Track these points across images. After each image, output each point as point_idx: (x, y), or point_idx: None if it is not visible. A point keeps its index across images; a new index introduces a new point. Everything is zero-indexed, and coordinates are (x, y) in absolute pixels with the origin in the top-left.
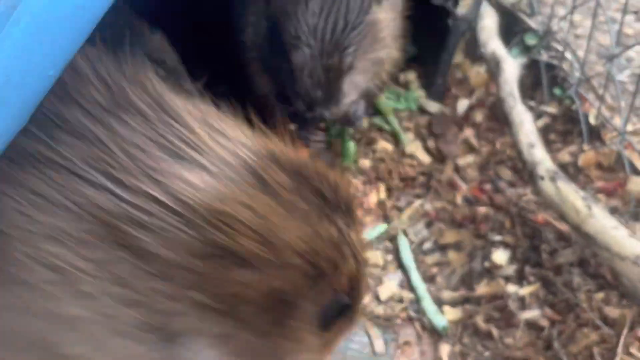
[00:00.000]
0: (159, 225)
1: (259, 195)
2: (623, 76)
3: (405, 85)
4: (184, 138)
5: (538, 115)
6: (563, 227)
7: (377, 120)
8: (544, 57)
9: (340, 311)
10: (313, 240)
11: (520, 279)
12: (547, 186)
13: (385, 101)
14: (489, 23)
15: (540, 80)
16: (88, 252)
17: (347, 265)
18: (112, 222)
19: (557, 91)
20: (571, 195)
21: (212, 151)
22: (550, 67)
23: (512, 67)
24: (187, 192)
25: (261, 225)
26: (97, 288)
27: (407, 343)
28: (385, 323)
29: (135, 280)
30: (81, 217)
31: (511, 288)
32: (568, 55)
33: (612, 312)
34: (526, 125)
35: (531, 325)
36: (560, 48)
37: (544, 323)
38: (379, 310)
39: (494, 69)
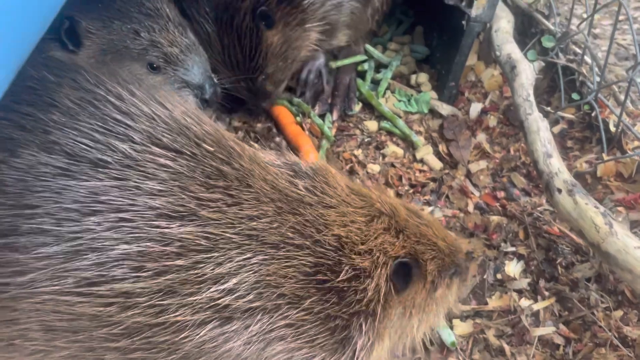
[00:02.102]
0: None
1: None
2: None
3: (417, 88)
4: None
5: (554, 122)
6: (580, 239)
7: (385, 124)
8: (561, 60)
9: (406, 272)
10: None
11: (534, 293)
12: (564, 200)
13: (396, 104)
14: (504, 25)
15: (556, 84)
16: None
17: (400, 241)
18: None
19: (574, 96)
20: (590, 210)
21: None
22: (567, 70)
23: (528, 71)
24: None
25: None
26: None
27: (416, 359)
28: None
29: None
30: None
31: (525, 302)
32: (587, 58)
33: (632, 332)
34: (542, 133)
35: (545, 342)
36: (578, 51)
37: (559, 341)
38: None
39: (509, 73)
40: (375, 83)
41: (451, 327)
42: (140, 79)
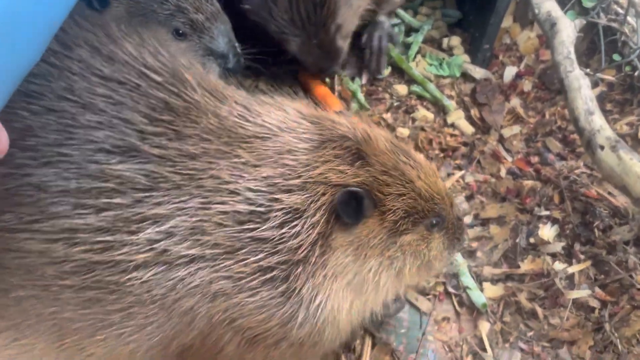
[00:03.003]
0: None
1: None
2: None
3: (449, 52)
4: None
5: (593, 84)
6: (619, 202)
7: (416, 88)
8: (602, 20)
9: (359, 204)
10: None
11: (568, 256)
12: (607, 156)
13: (427, 67)
14: None
15: (596, 46)
16: None
17: (354, 168)
18: None
19: (615, 57)
20: (635, 165)
21: None
22: (608, 31)
23: (569, 28)
24: None
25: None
26: None
27: (445, 319)
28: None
29: None
30: None
31: (559, 266)
32: (630, 18)
33: None
34: (584, 90)
35: (580, 305)
36: (620, 10)
37: (594, 304)
38: None
39: (548, 31)
40: (406, 47)
41: (481, 290)
42: (165, 44)
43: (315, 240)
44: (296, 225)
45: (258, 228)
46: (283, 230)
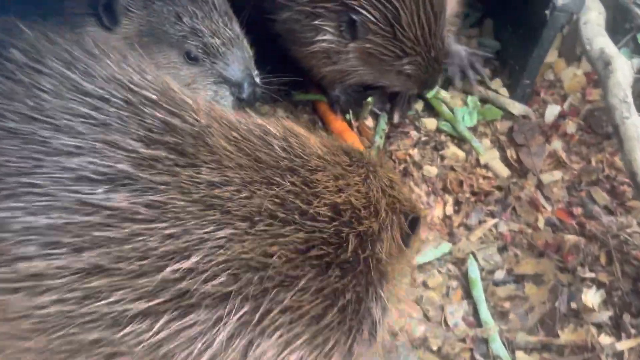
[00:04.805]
0: None
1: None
2: None
3: (485, 85)
4: None
5: None
6: None
7: (444, 126)
8: None
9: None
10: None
11: (617, 328)
12: None
13: (461, 109)
14: (594, 17)
15: None
16: None
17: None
18: None
19: None
20: None
21: None
22: None
23: (625, 68)
24: None
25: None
26: None
27: None
28: None
29: None
30: None
31: (605, 339)
32: None
33: None
34: None
35: None
36: None
37: None
38: (434, 344)
39: (601, 70)
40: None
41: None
42: (175, 67)
43: (388, 260)
44: (375, 246)
45: (326, 255)
46: (359, 252)
